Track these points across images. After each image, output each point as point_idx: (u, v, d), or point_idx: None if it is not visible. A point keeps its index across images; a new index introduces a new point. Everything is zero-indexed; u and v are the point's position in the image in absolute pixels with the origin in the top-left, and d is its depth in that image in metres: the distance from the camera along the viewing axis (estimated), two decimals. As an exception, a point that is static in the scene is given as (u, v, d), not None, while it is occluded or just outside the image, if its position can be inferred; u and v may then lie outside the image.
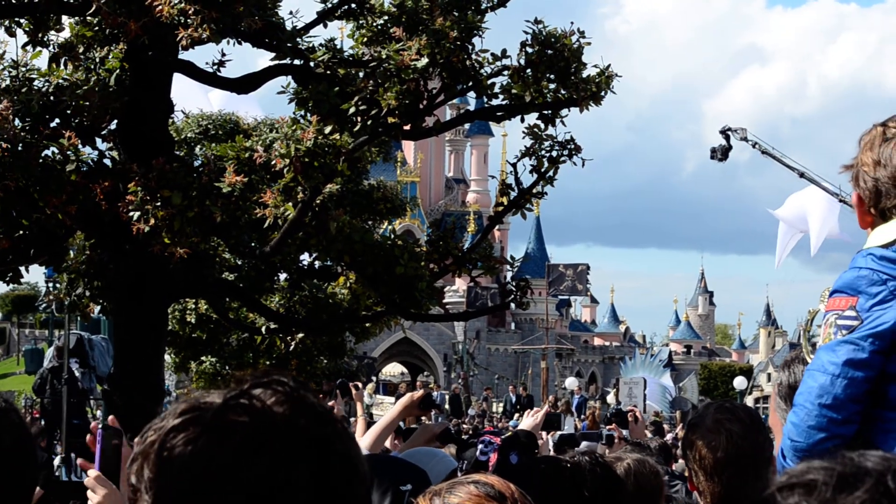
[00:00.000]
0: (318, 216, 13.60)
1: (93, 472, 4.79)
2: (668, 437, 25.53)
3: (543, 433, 8.99)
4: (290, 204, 12.65)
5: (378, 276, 13.93)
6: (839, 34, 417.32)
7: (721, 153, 39.74)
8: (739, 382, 57.05)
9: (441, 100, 13.88)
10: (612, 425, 11.32)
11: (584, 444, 10.84)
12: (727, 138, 39.72)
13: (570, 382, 59.89)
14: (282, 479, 1.78)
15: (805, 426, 3.48)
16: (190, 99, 19.97)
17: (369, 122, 12.91)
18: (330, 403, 9.10)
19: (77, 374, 24.90)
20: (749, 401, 62.21)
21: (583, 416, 31.75)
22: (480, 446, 6.59)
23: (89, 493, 4.72)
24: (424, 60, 12.79)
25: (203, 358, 22.98)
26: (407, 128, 13.69)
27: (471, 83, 13.71)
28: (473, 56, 13.55)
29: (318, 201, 13.46)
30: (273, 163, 12.36)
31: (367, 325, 16.40)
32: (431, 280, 14.41)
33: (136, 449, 1.86)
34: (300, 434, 1.81)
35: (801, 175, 36.82)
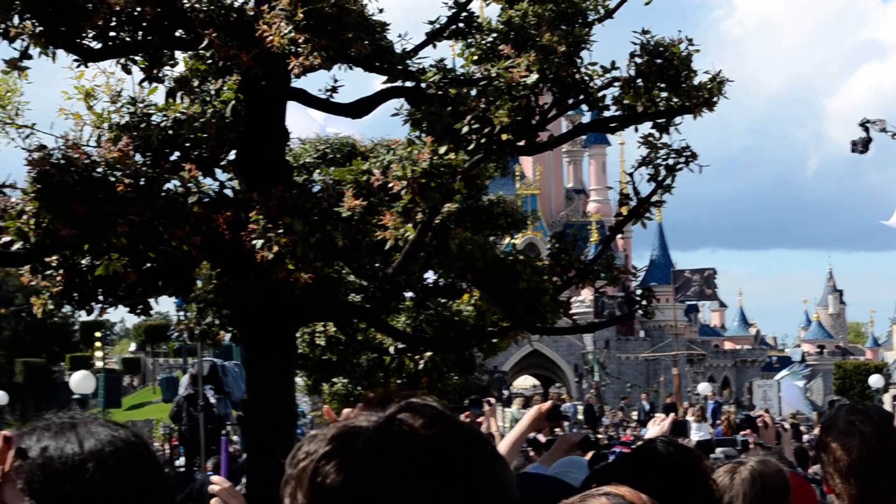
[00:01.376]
0: (439, 236, 13.63)
1: (221, 481, 4.78)
2: (805, 438, 25.16)
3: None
4: (410, 225, 12.67)
5: (501, 291, 13.88)
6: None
7: (862, 145, 39.27)
8: (875, 380, 56.23)
9: (553, 114, 13.83)
10: (746, 431, 11.19)
11: (719, 451, 10.73)
12: (866, 130, 39.20)
13: (703, 388, 59.41)
14: (433, 503, 1.79)
15: None
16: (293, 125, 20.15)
17: (483, 141, 12.91)
18: (479, 421, 9.12)
19: (212, 400, 25.29)
20: (886, 398, 61.18)
21: (718, 422, 31.43)
22: (612, 458, 6.56)
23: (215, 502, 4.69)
24: (534, 76, 12.76)
25: (334, 379, 23.16)
26: (521, 144, 13.66)
27: (582, 96, 13.65)
28: (583, 69, 13.49)
29: (437, 221, 13.46)
30: (390, 185, 12.40)
31: (494, 340, 16.37)
32: (555, 293, 14.34)
33: (288, 472, 1.90)
34: (450, 457, 1.82)
35: None
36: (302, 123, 21.72)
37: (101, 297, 13.57)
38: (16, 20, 12.40)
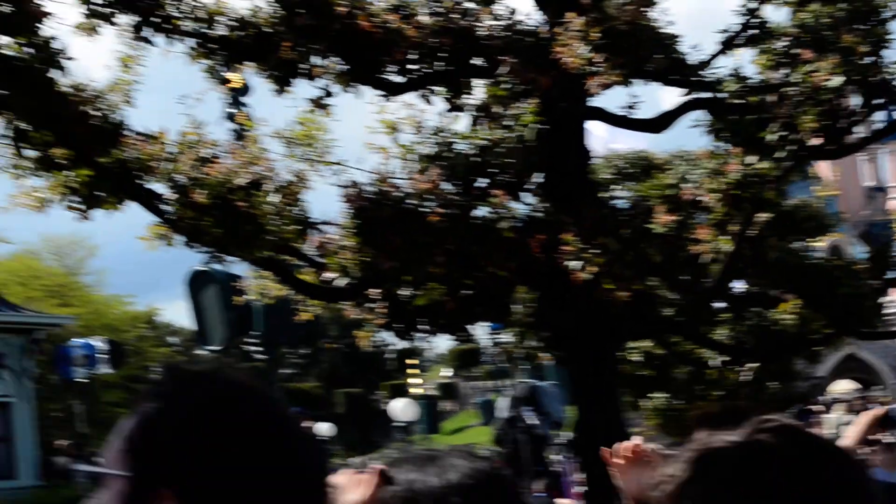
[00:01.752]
0: (754, 245, 13.40)
1: None
2: None
3: None
4: (727, 238, 12.48)
5: (821, 297, 13.56)
6: None
7: None
8: None
9: (862, 116, 13.42)
10: None
11: None
12: None
13: None
14: None
15: None
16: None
17: (791, 148, 12.62)
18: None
19: (534, 421, 25.37)
20: None
21: None
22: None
23: None
24: (839, 79, 12.40)
25: (651, 395, 22.84)
26: (830, 149, 13.32)
27: (888, 96, 13.23)
28: (885, 68, 13.07)
29: (752, 232, 13.22)
30: (700, 198, 12.27)
31: (818, 348, 15.91)
32: (874, 296, 13.91)
33: (652, 494, 1.94)
34: (814, 475, 1.82)
35: None
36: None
37: (421, 326, 13.81)
38: (316, 59, 12.79)
